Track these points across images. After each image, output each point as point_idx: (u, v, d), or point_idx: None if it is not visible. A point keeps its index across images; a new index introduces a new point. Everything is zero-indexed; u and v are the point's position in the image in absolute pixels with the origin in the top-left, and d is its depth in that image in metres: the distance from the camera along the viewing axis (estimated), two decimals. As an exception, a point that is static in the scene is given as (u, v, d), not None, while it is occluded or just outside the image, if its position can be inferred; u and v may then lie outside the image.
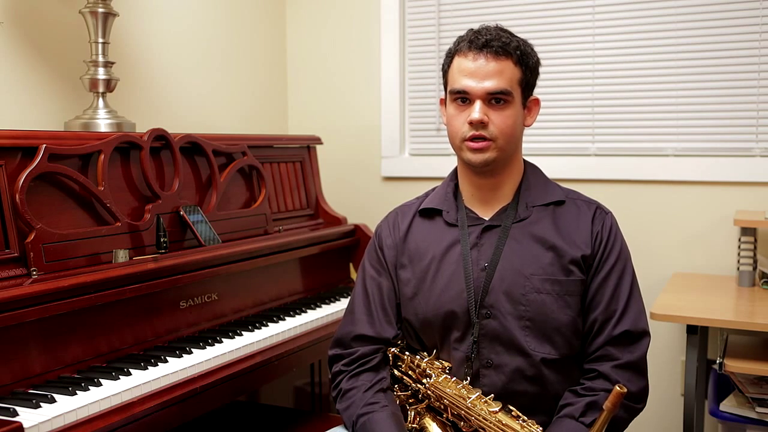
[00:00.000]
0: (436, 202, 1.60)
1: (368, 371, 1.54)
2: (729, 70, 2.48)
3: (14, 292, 1.38)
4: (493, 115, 1.46)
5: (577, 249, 1.49)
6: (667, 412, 2.56)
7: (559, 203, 1.54)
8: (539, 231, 1.50)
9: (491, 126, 1.45)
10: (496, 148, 1.47)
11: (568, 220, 1.52)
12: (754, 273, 2.28)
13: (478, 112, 1.44)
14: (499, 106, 1.46)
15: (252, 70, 2.93)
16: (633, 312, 1.49)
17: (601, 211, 1.55)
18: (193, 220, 1.94)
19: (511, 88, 1.46)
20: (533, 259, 1.48)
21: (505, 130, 1.46)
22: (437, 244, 1.55)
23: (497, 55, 1.45)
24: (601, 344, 1.48)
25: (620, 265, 1.51)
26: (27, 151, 1.59)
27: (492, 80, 1.44)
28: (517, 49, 1.47)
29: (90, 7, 1.96)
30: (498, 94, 1.45)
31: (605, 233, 1.51)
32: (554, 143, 2.70)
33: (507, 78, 1.45)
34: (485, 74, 1.45)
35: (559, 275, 1.47)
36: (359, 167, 3.02)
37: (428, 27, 2.90)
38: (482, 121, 1.44)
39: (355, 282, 1.66)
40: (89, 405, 1.35)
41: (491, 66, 1.45)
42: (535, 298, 1.46)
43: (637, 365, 1.47)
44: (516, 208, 1.53)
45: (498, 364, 1.46)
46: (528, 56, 1.50)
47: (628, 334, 1.47)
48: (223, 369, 1.66)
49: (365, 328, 1.57)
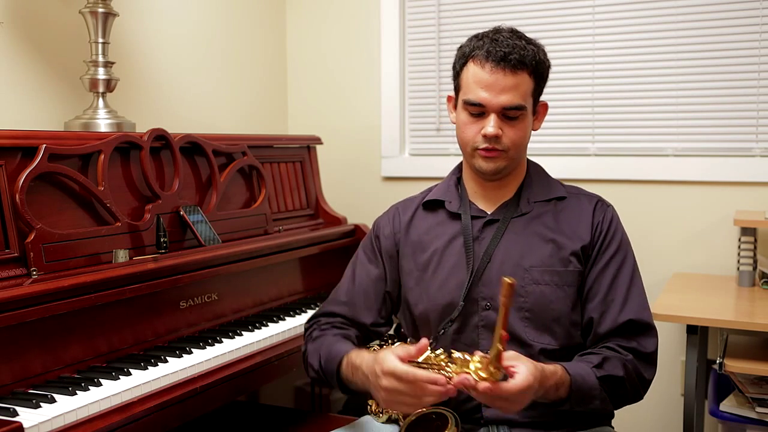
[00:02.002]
0: (439, 194, 1.62)
1: (339, 330, 1.57)
2: (729, 70, 2.48)
3: (14, 292, 1.38)
4: (506, 128, 1.47)
5: (577, 240, 1.50)
6: (667, 412, 2.56)
7: (561, 198, 1.56)
8: (540, 225, 1.52)
9: (504, 138, 1.47)
10: (507, 157, 1.49)
11: (569, 214, 1.54)
12: (754, 273, 2.28)
13: (492, 127, 1.45)
14: (512, 120, 1.47)
15: (252, 70, 2.93)
16: (635, 303, 1.48)
17: (602, 203, 1.56)
18: (193, 220, 1.94)
19: (525, 102, 1.47)
20: (533, 251, 1.50)
21: (516, 142, 1.48)
22: (439, 237, 1.57)
23: (515, 69, 1.44)
24: (603, 334, 1.46)
25: (620, 256, 1.51)
26: (27, 151, 1.59)
27: (508, 95, 1.45)
28: (533, 60, 1.47)
29: (90, 7, 1.96)
30: (513, 109, 1.45)
31: (605, 224, 1.52)
32: (554, 143, 2.70)
33: (522, 92, 1.46)
34: (501, 89, 1.45)
35: (558, 266, 1.48)
36: (359, 167, 3.01)
37: (428, 27, 2.90)
38: (497, 135, 1.46)
39: (347, 267, 1.68)
40: (89, 405, 1.35)
41: (508, 80, 1.44)
42: (534, 289, 1.47)
43: (647, 356, 1.46)
44: (517, 203, 1.55)
45: None
46: (542, 65, 1.50)
47: (632, 324, 1.46)
48: (223, 369, 1.66)
49: (341, 309, 1.61)
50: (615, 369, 1.41)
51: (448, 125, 2.88)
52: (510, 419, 1.45)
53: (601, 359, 1.42)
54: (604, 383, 1.40)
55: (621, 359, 1.43)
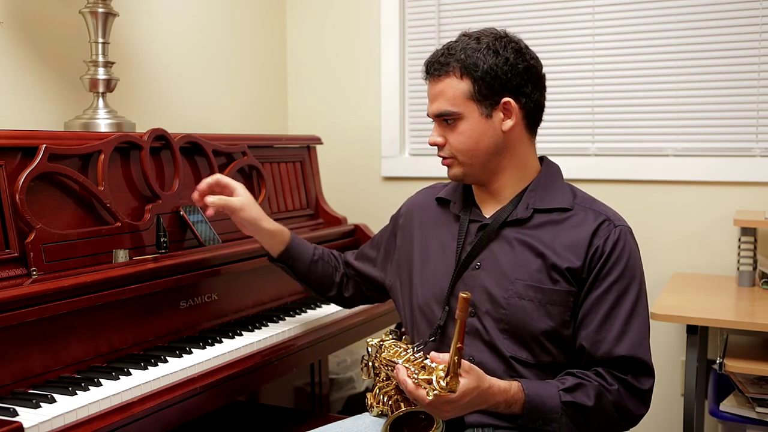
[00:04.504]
0: (448, 193, 1.63)
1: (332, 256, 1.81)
2: (729, 70, 2.48)
3: (14, 292, 1.38)
4: (449, 135, 1.49)
5: (565, 260, 1.42)
6: (667, 412, 2.56)
7: (565, 210, 1.47)
8: (534, 236, 1.45)
9: (447, 145, 1.50)
10: (459, 164, 1.50)
11: (568, 229, 1.45)
12: (754, 273, 2.28)
13: (432, 136, 1.51)
14: (450, 126, 1.49)
15: (252, 70, 2.93)
16: (632, 338, 1.39)
17: (609, 224, 1.44)
18: (193, 220, 1.94)
19: (454, 106, 1.46)
20: (521, 263, 1.44)
21: (459, 147, 1.48)
22: (440, 236, 1.58)
23: (437, 76, 1.49)
24: (596, 364, 1.41)
25: (621, 284, 1.41)
26: (27, 151, 1.58)
27: (436, 103, 1.50)
28: (459, 62, 1.45)
29: (90, 7, 1.96)
30: (443, 115, 1.48)
31: (607, 248, 1.41)
32: (554, 143, 2.70)
33: (449, 97, 1.47)
34: (432, 97, 1.51)
35: (546, 283, 1.42)
36: (359, 167, 3.02)
37: (428, 27, 2.90)
38: (435, 143, 1.51)
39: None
40: (89, 405, 1.35)
41: (435, 89, 1.50)
42: (516, 303, 1.42)
43: (640, 393, 1.40)
44: (514, 208, 1.49)
45: (480, 361, 1.43)
46: (473, 65, 1.43)
47: (625, 361, 1.38)
48: (223, 369, 1.66)
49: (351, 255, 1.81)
50: (584, 398, 1.36)
51: (448, 125, 2.88)
52: (493, 423, 1.40)
53: (575, 384, 1.38)
54: (567, 408, 1.36)
55: (598, 388, 1.37)
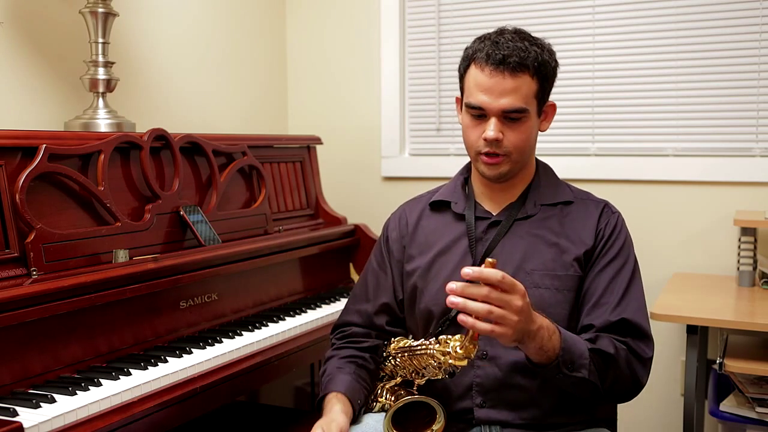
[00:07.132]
0: (446, 194, 1.62)
1: (353, 347, 1.58)
2: (729, 70, 2.48)
3: (14, 292, 1.38)
4: (507, 132, 1.45)
5: (581, 245, 1.49)
6: (667, 412, 2.56)
7: (568, 203, 1.55)
8: (544, 228, 1.51)
9: (506, 142, 1.46)
10: (509, 162, 1.48)
11: (575, 219, 1.53)
12: (754, 273, 2.28)
13: (492, 131, 1.44)
14: (514, 123, 1.45)
15: (252, 70, 2.93)
16: (631, 305, 1.44)
17: (608, 209, 1.55)
18: (193, 220, 1.94)
19: (527, 104, 1.45)
20: (535, 254, 1.49)
21: (518, 144, 1.47)
22: (444, 237, 1.57)
23: (514, 71, 1.42)
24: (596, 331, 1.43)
25: (619, 260, 1.49)
26: (27, 151, 1.58)
27: (507, 98, 1.43)
28: (535, 61, 1.44)
29: (90, 7, 1.96)
30: (513, 112, 1.44)
31: (608, 230, 1.51)
32: (554, 143, 2.70)
33: (523, 95, 1.44)
34: (501, 92, 1.43)
35: (560, 270, 1.48)
36: (359, 167, 3.01)
37: (428, 27, 2.90)
38: (497, 139, 1.45)
39: (363, 270, 1.71)
40: (89, 405, 1.35)
41: (507, 83, 1.42)
42: (534, 292, 1.45)
43: (642, 359, 1.43)
44: (523, 205, 1.54)
45: (493, 355, 1.46)
46: (546, 66, 1.46)
47: (625, 324, 1.42)
48: (223, 369, 1.66)
49: (356, 318, 1.62)
50: (606, 346, 1.38)
51: (448, 125, 2.88)
52: (502, 420, 1.44)
53: (594, 336, 1.41)
54: (594, 355, 1.37)
55: (614, 342, 1.40)
